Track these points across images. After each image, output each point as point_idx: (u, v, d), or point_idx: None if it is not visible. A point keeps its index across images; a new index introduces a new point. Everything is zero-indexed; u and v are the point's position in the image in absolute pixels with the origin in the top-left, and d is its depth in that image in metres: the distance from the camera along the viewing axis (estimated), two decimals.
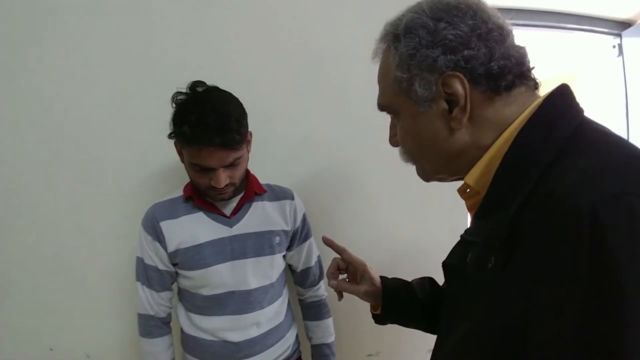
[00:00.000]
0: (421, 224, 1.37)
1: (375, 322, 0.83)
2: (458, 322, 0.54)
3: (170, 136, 0.89)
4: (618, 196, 0.37)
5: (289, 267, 1.12)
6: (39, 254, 1.12)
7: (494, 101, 0.50)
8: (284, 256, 1.05)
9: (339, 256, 0.84)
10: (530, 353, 0.41)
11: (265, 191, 1.03)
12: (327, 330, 1.13)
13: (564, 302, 0.38)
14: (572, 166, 0.43)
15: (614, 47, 1.94)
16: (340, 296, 0.84)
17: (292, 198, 1.06)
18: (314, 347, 1.14)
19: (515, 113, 0.50)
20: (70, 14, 1.07)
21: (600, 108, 1.99)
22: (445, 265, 0.64)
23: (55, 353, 1.16)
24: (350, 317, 1.19)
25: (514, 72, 0.50)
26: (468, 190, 0.55)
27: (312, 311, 1.14)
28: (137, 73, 1.11)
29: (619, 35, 1.91)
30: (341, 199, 1.26)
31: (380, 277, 0.82)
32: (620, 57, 1.93)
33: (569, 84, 0.52)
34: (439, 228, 1.38)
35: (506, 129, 0.50)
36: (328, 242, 0.83)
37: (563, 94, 0.50)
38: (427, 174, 0.61)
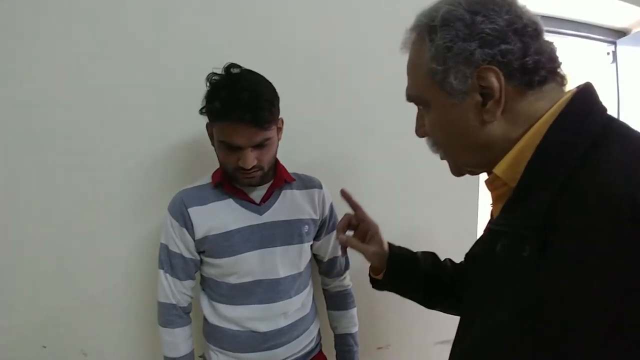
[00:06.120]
0: (431, 218, 1.38)
1: (373, 286, 0.84)
2: (484, 314, 0.54)
3: (201, 111, 0.87)
4: None
5: (315, 257, 1.10)
6: (32, 250, 1.05)
7: (526, 95, 0.51)
8: (311, 246, 1.04)
9: (351, 212, 0.83)
10: (577, 330, 0.42)
11: (294, 179, 1.01)
12: (352, 321, 1.12)
13: (604, 286, 0.40)
14: (607, 157, 0.45)
15: (608, 54, 2.02)
16: (344, 252, 0.84)
17: (320, 187, 1.04)
18: (337, 336, 1.13)
19: (545, 107, 0.51)
20: (72, 12, 1.01)
21: None
22: (470, 256, 0.63)
23: (48, 351, 1.08)
24: (361, 310, 1.18)
25: (547, 67, 0.51)
26: (495, 181, 0.56)
27: (337, 300, 1.12)
28: (144, 68, 1.06)
29: (614, 43, 1.99)
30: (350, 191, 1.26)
31: (388, 243, 0.83)
32: (614, 64, 2.01)
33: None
34: (449, 222, 1.40)
35: (535, 122, 0.51)
36: (346, 196, 0.82)
37: (590, 91, 0.52)
38: (457, 168, 0.61)
